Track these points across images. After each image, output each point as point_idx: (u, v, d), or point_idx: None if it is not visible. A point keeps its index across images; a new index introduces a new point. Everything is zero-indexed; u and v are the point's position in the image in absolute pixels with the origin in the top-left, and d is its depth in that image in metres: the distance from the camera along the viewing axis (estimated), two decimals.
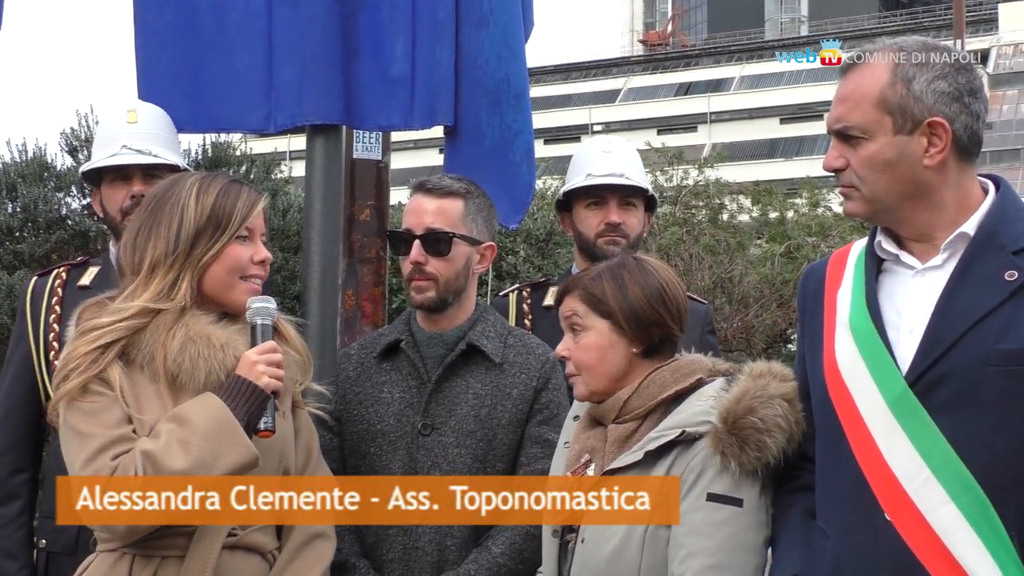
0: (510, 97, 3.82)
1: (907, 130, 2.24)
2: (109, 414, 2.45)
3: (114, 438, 2.42)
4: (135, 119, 3.48)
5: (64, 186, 12.86)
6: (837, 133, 2.31)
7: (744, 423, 2.38)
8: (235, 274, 2.61)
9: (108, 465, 2.39)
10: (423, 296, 3.06)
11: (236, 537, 2.53)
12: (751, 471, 2.38)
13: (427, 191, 3.11)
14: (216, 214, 2.58)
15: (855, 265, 2.41)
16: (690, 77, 61.23)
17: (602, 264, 2.68)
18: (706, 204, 20.60)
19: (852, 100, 2.29)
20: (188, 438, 2.39)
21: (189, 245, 2.56)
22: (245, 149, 16.59)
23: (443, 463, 2.98)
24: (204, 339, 2.52)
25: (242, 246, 2.61)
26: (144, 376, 2.51)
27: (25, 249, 11.67)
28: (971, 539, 2.12)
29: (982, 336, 2.16)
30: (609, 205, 3.63)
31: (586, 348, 2.59)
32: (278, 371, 2.53)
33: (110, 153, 3.40)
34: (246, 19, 3.74)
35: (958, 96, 2.25)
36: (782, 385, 2.45)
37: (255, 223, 2.64)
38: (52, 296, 3.43)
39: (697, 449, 2.43)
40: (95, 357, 2.48)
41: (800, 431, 2.43)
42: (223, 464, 2.40)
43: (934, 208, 2.28)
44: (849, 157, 2.30)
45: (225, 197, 2.61)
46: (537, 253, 14.47)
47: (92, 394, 2.47)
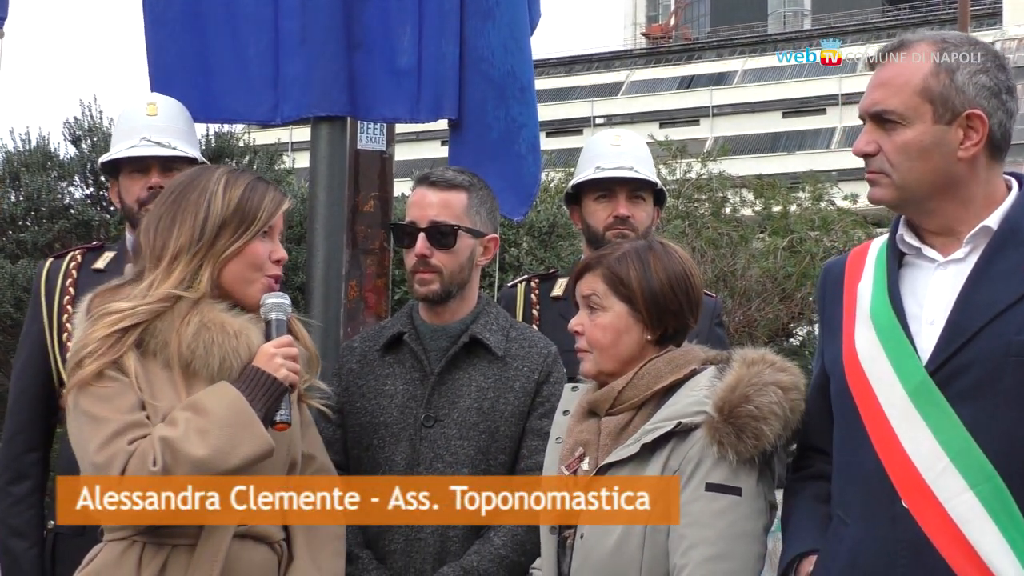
0: (516, 90, 3.82)
1: (946, 120, 2.25)
2: (124, 399, 2.45)
3: (130, 423, 2.42)
4: (155, 111, 3.50)
5: (67, 175, 12.87)
6: (873, 117, 2.31)
7: (740, 411, 2.37)
8: (254, 270, 2.62)
9: (125, 450, 2.39)
10: (427, 289, 3.06)
11: (245, 527, 2.54)
12: (748, 459, 2.38)
13: (431, 184, 3.11)
14: (243, 208, 2.60)
15: (876, 259, 2.42)
16: (693, 70, 61.12)
17: (627, 244, 2.66)
18: (709, 198, 20.58)
19: (893, 86, 2.29)
20: (206, 427, 2.39)
21: (213, 236, 2.57)
22: (248, 140, 16.59)
23: (446, 455, 2.99)
24: (218, 326, 2.53)
25: (263, 243, 2.63)
26: (157, 363, 2.52)
27: (28, 238, 11.68)
28: (989, 528, 2.14)
29: (1004, 328, 2.17)
30: (618, 198, 3.64)
31: (602, 328, 2.58)
32: (295, 365, 2.56)
33: (129, 144, 3.42)
34: (253, 9, 3.75)
35: (997, 92, 2.27)
36: (776, 373, 2.44)
37: (277, 222, 2.67)
38: (67, 278, 3.44)
39: (693, 440, 2.43)
40: (114, 341, 2.48)
41: (797, 419, 2.44)
42: (240, 454, 2.41)
43: (961, 202, 2.29)
44: (882, 143, 2.30)
45: (253, 192, 2.62)
46: (540, 245, 14.47)
47: (106, 379, 2.46)
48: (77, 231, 11.82)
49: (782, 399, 2.40)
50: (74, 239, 11.43)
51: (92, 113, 13.63)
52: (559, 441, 2.68)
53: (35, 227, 12.01)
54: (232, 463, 2.41)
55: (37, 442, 3.42)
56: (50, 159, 12.96)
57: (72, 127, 13.48)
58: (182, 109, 3.59)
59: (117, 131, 3.60)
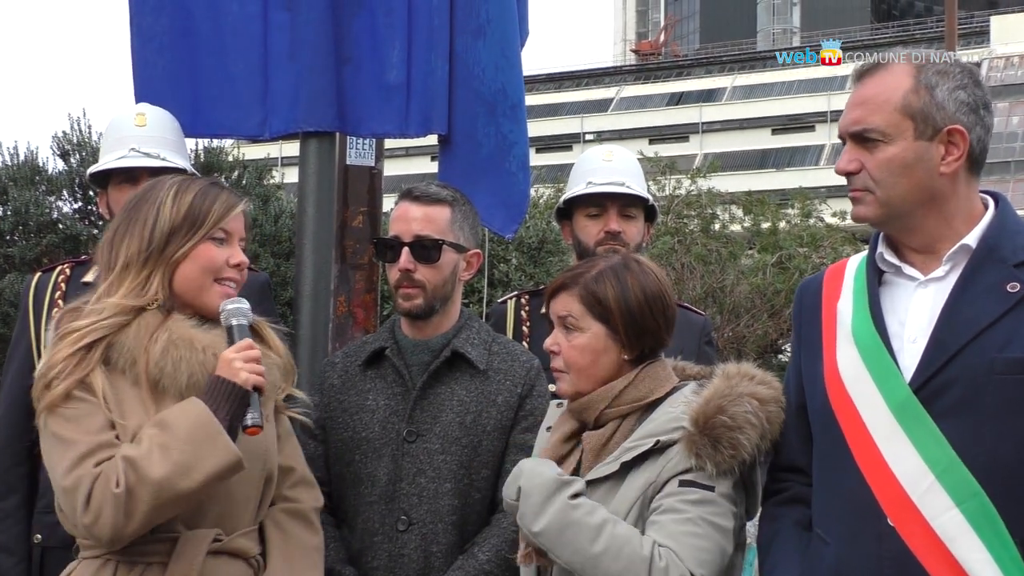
0: (506, 107, 3.82)
1: (928, 136, 2.27)
2: (92, 420, 2.42)
3: (97, 444, 2.38)
4: (144, 122, 3.48)
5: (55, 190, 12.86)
6: (854, 136, 2.32)
7: (714, 422, 2.36)
8: (208, 275, 2.57)
9: (91, 473, 2.35)
10: (411, 303, 3.06)
11: (220, 543, 2.51)
12: (727, 471, 2.37)
13: (414, 199, 3.11)
14: (192, 212, 2.56)
15: (855, 277, 2.43)
16: (682, 87, 61.40)
17: (603, 262, 2.61)
18: (698, 214, 20.66)
19: (874, 104, 2.30)
20: (168, 443, 2.35)
21: (163, 243, 2.53)
22: (237, 155, 16.60)
23: (428, 470, 2.98)
24: (186, 342, 2.49)
25: (218, 247, 2.58)
26: (126, 381, 2.48)
27: (16, 253, 11.67)
28: (975, 544, 2.14)
29: (986, 345, 2.18)
30: (609, 214, 3.63)
31: (580, 349, 2.55)
32: (257, 367, 2.48)
33: (118, 155, 3.40)
34: (242, 24, 3.74)
35: (975, 108, 2.29)
36: (752, 385, 2.44)
37: (233, 226, 2.62)
38: (55, 291, 3.43)
39: (672, 454, 2.41)
40: (79, 360, 2.45)
41: (775, 430, 2.43)
42: (204, 468, 2.35)
43: (943, 217, 2.31)
44: (865, 161, 2.31)
45: (203, 197, 2.58)
46: (529, 261, 14.49)
47: (75, 400, 2.43)
48: (65, 245, 11.80)
49: (758, 409, 2.39)
50: (62, 253, 11.42)
51: (81, 127, 13.63)
52: None
53: (23, 241, 11.99)
54: (197, 478, 2.35)
55: (24, 457, 3.39)
56: (38, 173, 12.95)
57: (61, 141, 13.47)
58: (171, 119, 3.58)
59: (106, 142, 3.58)
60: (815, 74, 55.45)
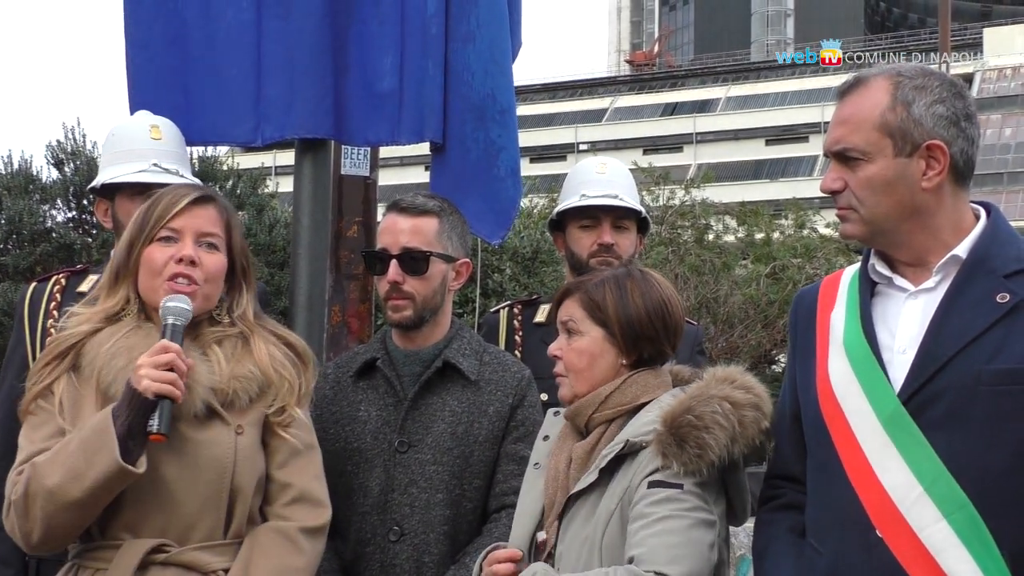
0: (495, 112, 3.81)
1: (907, 152, 2.27)
2: (46, 427, 2.44)
3: (36, 451, 2.40)
4: (159, 135, 3.47)
5: (49, 199, 12.86)
6: (836, 155, 2.34)
7: (681, 421, 2.37)
8: (153, 276, 2.54)
9: (13, 479, 2.39)
10: (400, 315, 3.06)
11: (167, 554, 2.43)
12: (694, 471, 2.36)
13: (401, 210, 3.11)
14: (139, 219, 2.58)
15: (848, 288, 2.44)
16: (676, 97, 61.52)
17: (607, 271, 2.67)
18: (692, 224, 20.69)
19: (852, 123, 2.31)
20: (65, 448, 2.36)
21: (127, 253, 2.58)
22: (232, 164, 16.60)
23: (420, 480, 2.98)
24: (127, 350, 2.48)
25: (162, 247, 2.55)
26: (90, 388, 2.49)
27: (9, 262, 11.66)
28: (963, 556, 2.14)
29: (975, 356, 2.18)
30: (602, 226, 3.63)
31: (578, 352, 2.58)
32: (165, 374, 2.36)
33: (138, 168, 3.38)
34: (235, 31, 3.73)
35: (955, 120, 2.29)
36: (729, 388, 2.43)
37: (183, 224, 2.57)
38: (51, 301, 3.41)
39: (644, 456, 2.42)
40: (53, 367, 2.49)
41: (749, 435, 2.39)
42: (91, 475, 2.31)
43: (929, 231, 2.31)
44: (848, 179, 2.32)
45: (152, 203, 2.60)
46: (523, 271, 14.49)
47: (38, 407, 2.47)
48: (59, 255, 11.79)
49: (729, 412, 2.38)
50: (56, 263, 11.39)
51: (75, 136, 13.62)
52: (538, 467, 2.67)
53: (16, 251, 11.98)
54: (86, 485, 2.31)
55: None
56: (32, 182, 12.95)
57: (55, 150, 13.46)
58: (179, 132, 3.57)
59: (115, 152, 3.51)
60: (809, 85, 55.64)
